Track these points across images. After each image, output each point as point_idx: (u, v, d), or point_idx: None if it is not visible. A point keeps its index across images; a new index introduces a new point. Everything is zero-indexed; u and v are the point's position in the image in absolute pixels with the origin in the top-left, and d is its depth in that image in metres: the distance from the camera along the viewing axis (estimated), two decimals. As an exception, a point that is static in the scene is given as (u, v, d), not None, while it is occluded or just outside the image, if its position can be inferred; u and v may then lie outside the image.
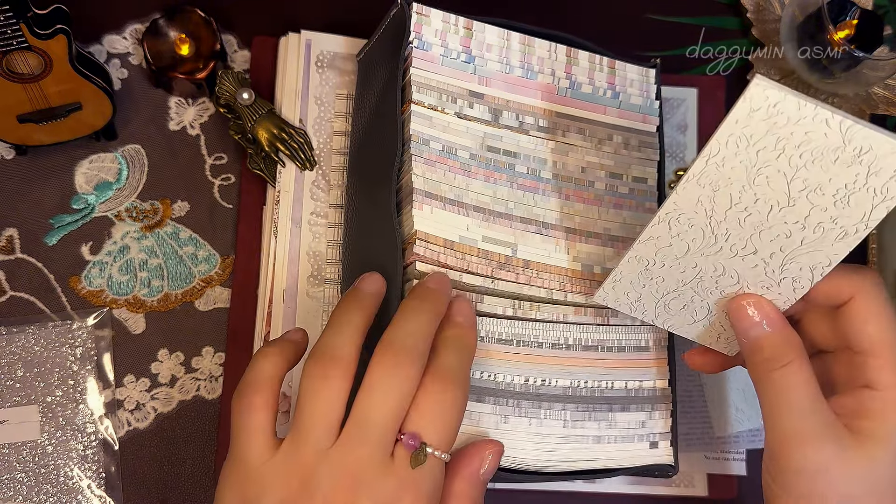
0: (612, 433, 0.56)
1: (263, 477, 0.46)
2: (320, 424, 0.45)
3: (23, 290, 0.66)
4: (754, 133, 0.42)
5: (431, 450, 0.46)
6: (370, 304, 0.50)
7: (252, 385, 0.48)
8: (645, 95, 0.62)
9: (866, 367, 0.48)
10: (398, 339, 0.47)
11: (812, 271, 0.47)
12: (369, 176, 0.60)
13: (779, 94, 0.41)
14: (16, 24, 0.59)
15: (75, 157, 0.68)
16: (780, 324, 0.49)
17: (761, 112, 0.41)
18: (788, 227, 0.46)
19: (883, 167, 0.42)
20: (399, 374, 0.46)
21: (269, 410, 0.47)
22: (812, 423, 0.47)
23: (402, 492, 0.45)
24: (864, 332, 0.48)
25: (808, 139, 0.42)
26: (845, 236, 0.45)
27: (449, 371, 0.48)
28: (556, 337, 0.56)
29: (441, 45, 0.58)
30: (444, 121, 0.57)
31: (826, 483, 0.47)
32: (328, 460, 0.45)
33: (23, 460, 0.63)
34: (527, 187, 0.57)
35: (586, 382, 0.56)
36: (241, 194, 0.68)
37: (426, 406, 0.46)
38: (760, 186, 0.44)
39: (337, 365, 0.46)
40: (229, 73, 0.65)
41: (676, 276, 0.50)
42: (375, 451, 0.45)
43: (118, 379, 0.65)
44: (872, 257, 0.68)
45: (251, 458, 0.46)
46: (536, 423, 0.55)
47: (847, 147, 0.42)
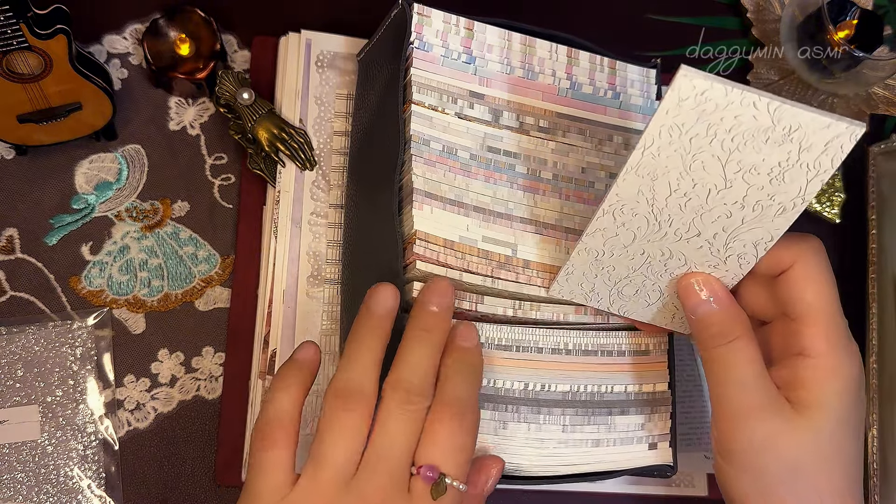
0: (610, 436, 0.57)
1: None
2: (341, 458, 0.46)
3: (23, 290, 0.66)
4: (685, 122, 0.43)
5: (450, 480, 0.47)
6: (385, 326, 0.50)
7: (273, 423, 0.48)
8: (645, 96, 0.62)
9: (801, 335, 0.48)
10: (405, 378, 0.48)
11: (756, 247, 0.48)
12: (370, 176, 0.60)
13: (705, 82, 0.42)
14: (16, 24, 0.59)
15: (75, 157, 0.68)
16: (727, 301, 0.50)
17: (690, 101, 0.42)
18: (728, 208, 0.46)
19: (813, 143, 0.43)
20: (409, 409, 0.47)
21: (289, 446, 0.48)
22: (755, 398, 0.48)
23: None
24: (801, 299, 0.48)
25: (738, 123, 0.43)
26: (784, 211, 0.46)
27: (459, 400, 0.49)
28: (556, 342, 0.56)
29: (442, 46, 0.58)
30: (444, 121, 0.57)
31: (772, 456, 0.48)
32: (349, 493, 0.46)
33: (23, 460, 0.63)
34: (527, 188, 0.57)
35: (586, 387, 0.56)
36: (241, 194, 0.68)
37: (441, 437, 0.47)
38: (697, 172, 0.45)
39: (358, 400, 0.47)
40: (229, 73, 0.65)
41: (626, 263, 0.51)
42: (395, 485, 0.46)
43: (118, 379, 0.65)
44: (872, 257, 0.68)
45: (269, 495, 0.46)
46: (535, 428, 0.55)
47: (777, 127, 0.42)
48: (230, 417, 0.64)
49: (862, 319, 0.68)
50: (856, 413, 0.48)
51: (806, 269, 0.48)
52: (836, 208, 0.70)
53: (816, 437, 0.47)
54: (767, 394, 0.48)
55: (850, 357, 0.48)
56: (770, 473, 0.48)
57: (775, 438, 0.47)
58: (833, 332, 0.48)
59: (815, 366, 0.47)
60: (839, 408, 0.47)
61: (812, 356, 0.48)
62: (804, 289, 0.48)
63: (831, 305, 0.48)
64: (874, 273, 0.68)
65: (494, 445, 0.55)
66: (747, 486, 0.49)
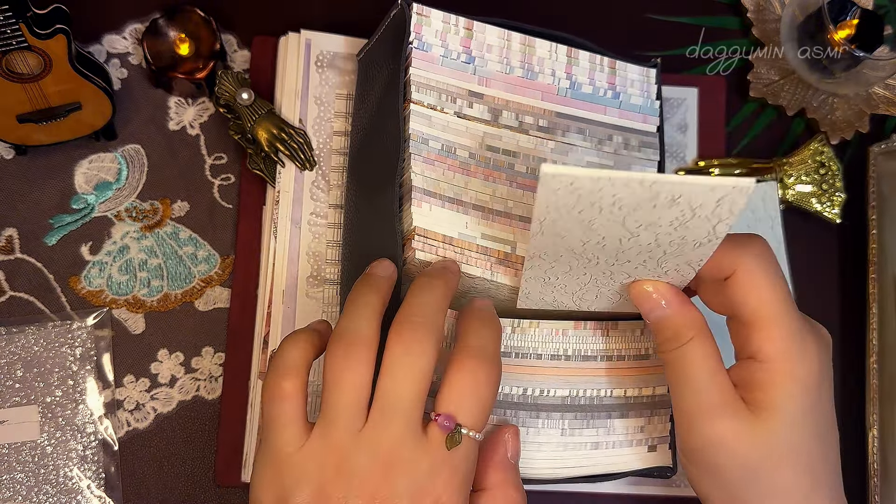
0: (610, 439, 0.56)
1: (298, 464, 0.46)
2: (349, 407, 0.45)
3: (22, 290, 0.66)
4: (566, 203, 0.42)
5: (466, 430, 0.46)
6: (385, 287, 0.50)
7: (281, 371, 0.48)
8: (645, 96, 0.62)
9: (750, 340, 0.48)
10: (412, 315, 0.47)
11: (689, 265, 0.48)
12: (370, 176, 0.60)
13: (569, 174, 0.40)
14: (15, 24, 0.59)
15: (75, 157, 0.68)
16: (678, 304, 0.50)
17: (563, 190, 0.41)
18: (645, 247, 0.46)
19: (703, 202, 0.42)
20: (417, 349, 0.46)
21: (299, 398, 0.47)
22: (710, 398, 0.48)
23: (436, 471, 0.45)
24: (745, 304, 0.48)
25: (619, 198, 0.41)
26: (700, 245, 0.45)
27: (480, 349, 0.48)
28: (556, 349, 0.56)
29: (441, 46, 0.58)
30: (443, 120, 0.57)
31: (727, 455, 0.48)
32: (360, 443, 0.45)
33: (22, 460, 0.63)
34: (526, 186, 0.57)
35: (585, 392, 0.56)
36: (240, 194, 0.68)
37: (460, 386, 0.47)
38: (599, 230, 0.44)
39: (359, 346, 0.46)
40: (229, 73, 0.65)
41: (575, 281, 0.51)
42: (406, 430, 0.45)
43: (118, 379, 0.65)
44: (872, 257, 0.68)
45: (284, 447, 0.46)
46: (534, 432, 0.55)
47: (660, 197, 0.41)
48: (230, 418, 0.64)
49: (862, 319, 0.68)
50: (817, 410, 0.48)
51: (747, 275, 0.48)
52: (836, 208, 0.70)
53: (771, 439, 0.47)
54: (722, 394, 0.48)
55: (803, 357, 0.47)
56: (728, 472, 0.48)
57: (730, 438, 0.47)
58: (781, 335, 0.47)
59: (766, 370, 0.47)
60: (794, 410, 0.47)
61: (763, 361, 0.47)
62: (747, 294, 0.48)
63: (777, 308, 0.47)
64: (874, 273, 0.68)
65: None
66: (708, 485, 0.49)
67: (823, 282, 0.71)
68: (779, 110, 0.73)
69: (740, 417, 0.47)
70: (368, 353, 0.46)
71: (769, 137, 0.73)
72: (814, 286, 0.70)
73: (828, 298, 0.71)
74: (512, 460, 0.51)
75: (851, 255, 0.71)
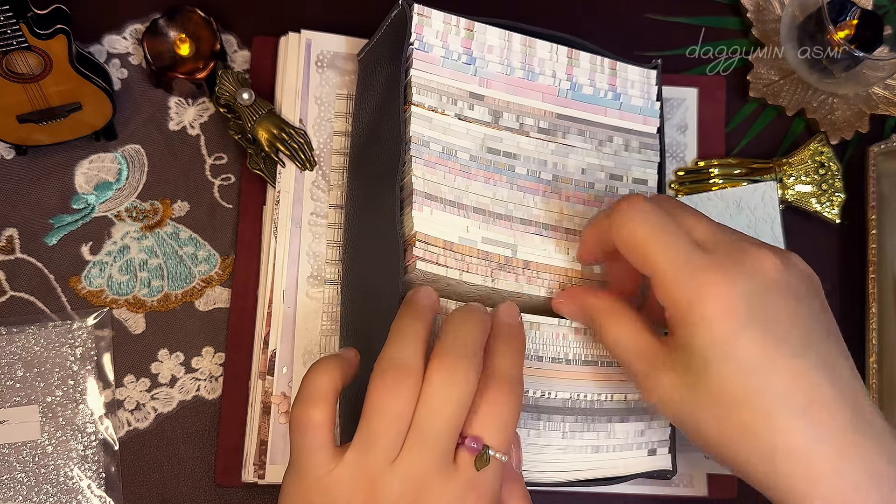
0: (610, 443, 0.57)
1: (329, 487, 0.46)
2: (389, 436, 0.46)
3: (23, 290, 0.66)
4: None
5: (493, 452, 0.47)
6: (429, 316, 0.51)
7: (309, 401, 0.48)
8: (646, 97, 0.62)
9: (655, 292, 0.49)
10: (453, 348, 0.48)
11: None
12: (370, 177, 0.60)
13: None
14: (16, 24, 0.59)
15: (75, 157, 0.68)
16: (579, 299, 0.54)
17: None
18: None
19: None
20: (457, 381, 0.46)
21: (328, 426, 0.47)
22: (646, 362, 0.49)
23: (466, 495, 0.46)
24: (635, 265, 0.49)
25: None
26: None
27: (504, 373, 0.49)
28: (557, 352, 0.56)
29: (442, 47, 0.58)
30: (444, 122, 0.57)
31: (673, 411, 0.49)
32: (395, 470, 0.46)
33: (23, 460, 0.63)
34: (527, 189, 0.57)
35: (586, 395, 0.56)
36: (241, 194, 0.68)
37: (486, 409, 0.47)
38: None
39: (407, 377, 0.46)
40: (229, 72, 0.65)
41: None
42: (440, 459, 0.46)
43: (118, 379, 0.65)
44: (872, 257, 0.68)
45: (314, 470, 0.47)
46: (535, 434, 0.55)
47: None
48: (230, 418, 0.64)
49: (862, 319, 0.68)
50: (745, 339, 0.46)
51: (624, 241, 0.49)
52: (836, 208, 0.70)
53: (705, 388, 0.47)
54: (647, 358, 0.49)
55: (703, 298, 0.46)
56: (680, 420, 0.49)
57: (672, 393, 0.48)
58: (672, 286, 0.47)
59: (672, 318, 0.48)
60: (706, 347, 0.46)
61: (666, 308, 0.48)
62: (630, 254, 0.49)
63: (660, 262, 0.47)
64: (874, 273, 0.68)
65: None
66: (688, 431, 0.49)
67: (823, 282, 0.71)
68: (779, 110, 0.73)
69: (666, 374, 0.48)
70: (415, 384, 0.47)
71: (769, 137, 0.73)
72: (813, 286, 0.70)
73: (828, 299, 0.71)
74: (517, 469, 0.52)
75: (851, 255, 0.71)
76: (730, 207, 0.69)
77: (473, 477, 0.46)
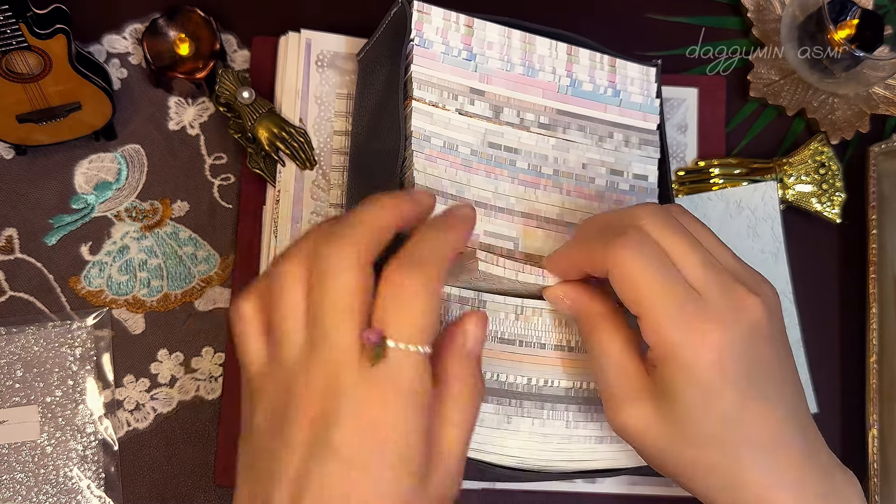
0: (613, 433, 0.56)
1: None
2: (291, 335, 0.42)
3: (22, 290, 0.66)
4: None
5: (393, 343, 0.40)
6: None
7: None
8: (645, 94, 0.62)
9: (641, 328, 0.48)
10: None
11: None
12: (371, 174, 0.60)
13: None
14: (15, 24, 0.59)
15: (75, 157, 0.68)
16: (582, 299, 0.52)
17: None
18: None
19: None
20: (346, 266, 0.41)
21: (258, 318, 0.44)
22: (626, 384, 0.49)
23: (370, 394, 0.40)
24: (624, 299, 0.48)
25: None
26: None
27: (413, 256, 0.42)
28: (559, 339, 0.56)
29: (442, 43, 0.58)
30: (444, 117, 0.57)
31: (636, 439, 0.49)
32: (306, 367, 0.41)
33: (22, 460, 0.63)
34: (528, 183, 0.57)
35: (588, 384, 0.56)
36: (240, 194, 0.68)
37: (387, 297, 0.41)
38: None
39: (293, 259, 0.43)
40: (230, 71, 0.65)
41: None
42: (342, 355, 0.40)
43: (118, 379, 0.65)
44: (872, 257, 0.68)
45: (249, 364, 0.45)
46: (539, 423, 0.55)
47: None
48: (230, 417, 0.64)
49: (862, 319, 0.68)
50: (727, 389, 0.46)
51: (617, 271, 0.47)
52: (836, 208, 0.70)
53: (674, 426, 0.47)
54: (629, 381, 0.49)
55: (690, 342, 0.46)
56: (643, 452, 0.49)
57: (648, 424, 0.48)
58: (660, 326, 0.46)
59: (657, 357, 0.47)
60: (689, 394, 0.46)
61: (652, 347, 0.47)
62: (622, 290, 0.47)
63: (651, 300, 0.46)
64: (874, 273, 0.68)
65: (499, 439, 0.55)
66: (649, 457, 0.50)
67: (823, 282, 0.71)
68: (779, 110, 0.73)
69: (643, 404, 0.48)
70: (302, 268, 0.42)
71: (769, 137, 0.73)
72: (814, 286, 0.70)
73: (828, 298, 0.71)
74: (472, 350, 0.46)
75: (851, 255, 0.71)
76: (730, 207, 0.69)
77: (372, 373, 0.40)
